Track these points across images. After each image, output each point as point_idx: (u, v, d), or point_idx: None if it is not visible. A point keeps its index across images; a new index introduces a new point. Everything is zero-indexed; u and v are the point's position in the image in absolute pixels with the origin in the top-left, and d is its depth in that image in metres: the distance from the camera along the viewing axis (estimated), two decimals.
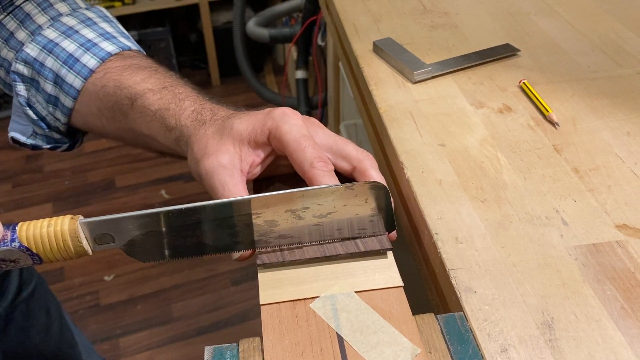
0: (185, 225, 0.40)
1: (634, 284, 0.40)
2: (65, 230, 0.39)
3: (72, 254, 0.40)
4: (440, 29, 0.72)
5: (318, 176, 0.42)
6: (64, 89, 0.55)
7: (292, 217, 0.41)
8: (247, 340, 0.36)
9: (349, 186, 0.40)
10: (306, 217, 0.41)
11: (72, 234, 0.39)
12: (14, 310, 0.79)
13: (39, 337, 0.83)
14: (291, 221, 0.41)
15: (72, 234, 0.39)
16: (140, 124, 0.51)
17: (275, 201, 0.40)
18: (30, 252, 0.39)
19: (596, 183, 0.48)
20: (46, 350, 0.85)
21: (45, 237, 0.39)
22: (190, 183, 2.12)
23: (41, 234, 0.39)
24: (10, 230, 0.39)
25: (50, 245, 0.39)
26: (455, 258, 0.42)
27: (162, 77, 0.53)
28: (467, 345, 0.36)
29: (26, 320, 0.81)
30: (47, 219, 0.40)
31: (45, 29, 0.56)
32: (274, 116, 0.44)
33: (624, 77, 0.62)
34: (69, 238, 0.39)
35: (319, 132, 0.45)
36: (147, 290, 1.73)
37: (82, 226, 0.40)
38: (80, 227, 0.39)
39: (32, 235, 0.39)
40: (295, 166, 0.43)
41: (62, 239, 0.39)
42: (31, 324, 0.82)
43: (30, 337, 0.82)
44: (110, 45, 0.56)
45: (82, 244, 0.39)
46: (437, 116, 0.57)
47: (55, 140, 0.61)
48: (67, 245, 0.39)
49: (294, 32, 1.76)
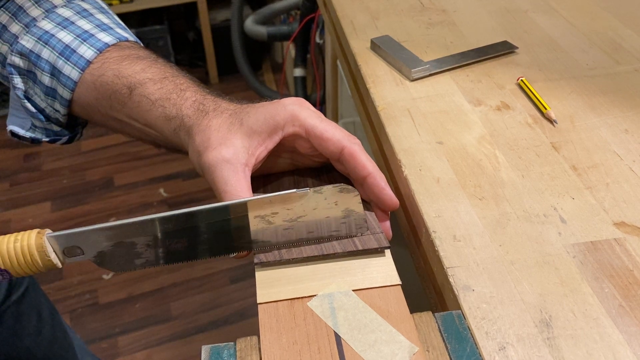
0: (154, 236, 0.40)
1: (632, 282, 0.39)
2: (32, 245, 0.39)
3: (40, 267, 0.40)
4: (438, 27, 0.72)
5: (358, 152, 0.43)
6: (61, 81, 0.54)
7: (262, 222, 0.41)
8: (244, 339, 0.36)
9: (317, 190, 0.41)
10: (276, 221, 0.41)
11: (39, 248, 0.39)
12: (4, 312, 0.79)
13: (29, 339, 0.83)
14: (261, 226, 0.41)
15: (39, 249, 0.39)
16: (138, 113, 0.51)
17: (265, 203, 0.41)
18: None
19: (594, 181, 0.48)
20: (37, 352, 0.85)
21: (12, 252, 0.39)
22: (189, 181, 2.12)
23: (8, 250, 0.39)
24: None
25: (18, 260, 0.39)
26: (453, 256, 0.42)
27: (162, 67, 0.52)
28: (465, 343, 0.36)
29: (17, 322, 0.81)
30: (15, 234, 0.40)
31: (40, 21, 0.56)
32: (287, 105, 0.44)
33: (622, 75, 0.62)
34: (36, 252, 0.39)
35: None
36: (145, 289, 1.73)
37: (49, 240, 0.40)
38: (48, 241, 0.39)
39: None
40: (329, 144, 0.44)
41: (30, 254, 0.39)
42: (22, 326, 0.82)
43: (21, 340, 0.82)
44: (107, 36, 0.55)
45: (50, 257, 0.40)
46: (435, 114, 0.57)
47: (54, 133, 0.61)
48: (34, 259, 0.39)
49: (292, 30, 1.76)
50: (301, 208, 0.41)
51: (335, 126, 0.44)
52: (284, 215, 0.41)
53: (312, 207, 0.41)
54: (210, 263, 1.79)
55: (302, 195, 0.41)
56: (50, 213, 2.00)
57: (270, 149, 0.45)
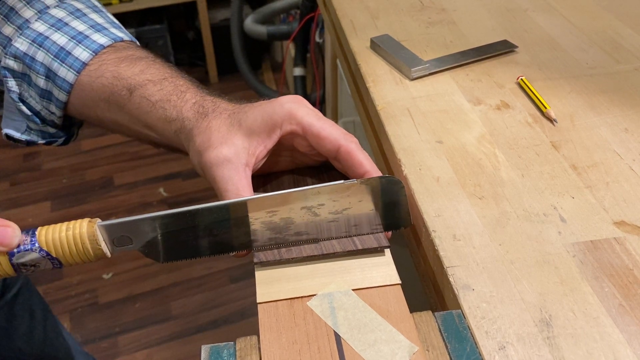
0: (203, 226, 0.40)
1: (632, 281, 0.39)
2: (84, 234, 0.39)
3: (91, 257, 0.40)
4: (437, 26, 0.72)
5: (355, 151, 0.43)
6: (56, 83, 0.54)
7: (308, 214, 0.41)
8: (244, 338, 0.36)
9: (364, 181, 0.40)
10: (322, 213, 0.41)
11: (91, 237, 0.39)
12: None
13: (21, 340, 0.83)
14: (307, 218, 0.41)
15: (91, 237, 0.39)
16: (138, 115, 0.51)
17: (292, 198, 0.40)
18: (50, 256, 0.39)
19: (594, 180, 0.48)
20: (29, 353, 0.85)
21: (65, 240, 0.39)
22: (189, 181, 2.12)
23: (60, 238, 0.39)
24: (30, 235, 0.39)
25: (70, 249, 0.39)
26: (452, 255, 0.42)
27: (161, 68, 0.52)
28: (465, 343, 0.36)
29: (9, 322, 0.81)
30: (66, 222, 0.40)
31: (34, 22, 0.55)
32: (284, 103, 0.44)
33: (622, 74, 0.62)
34: (88, 241, 0.39)
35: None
36: (145, 288, 1.73)
37: (100, 229, 0.40)
38: (99, 230, 0.40)
39: (52, 239, 0.39)
40: (325, 143, 0.44)
41: (82, 243, 0.39)
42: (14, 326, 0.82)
43: (13, 340, 0.82)
44: (102, 37, 0.55)
45: (100, 246, 0.40)
46: (434, 113, 0.57)
47: (50, 135, 0.61)
48: (86, 248, 0.39)
49: (292, 29, 1.76)
50: (347, 200, 0.41)
51: (332, 124, 0.44)
52: (330, 207, 0.41)
53: (358, 199, 0.41)
54: (210, 262, 1.79)
55: (350, 185, 0.40)
56: (50, 213, 2.00)
57: (270, 148, 0.45)
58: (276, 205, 0.40)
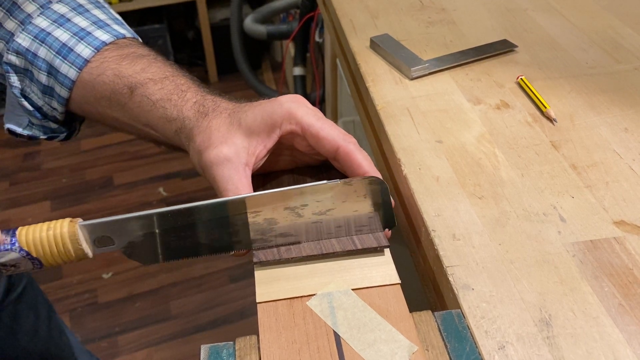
0: (185, 226, 0.40)
1: (632, 281, 0.39)
2: (64, 233, 0.39)
3: (72, 257, 0.39)
4: (437, 25, 0.72)
5: (353, 151, 0.43)
6: (58, 80, 0.54)
7: (291, 214, 0.40)
8: (243, 338, 0.36)
9: (347, 182, 0.40)
10: (305, 214, 0.41)
11: (72, 237, 0.39)
12: (2, 311, 0.78)
13: (26, 338, 0.83)
14: (290, 219, 0.41)
15: (72, 237, 0.39)
16: (138, 113, 0.51)
17: (274, 199, 0.40)
18: (30, 256, 0.39)
19: (594, 179, 0.48)
20: (33, 351, 0.85)
21: (45, 240, 0.39)
22: (189, 180, 2.12)
23: (41, 238, 0.39)
24: (10, 234, 0.39)
25: (50, 249, 0.39)
26: (452, 255, 0.42)
27: (162, 66, 0.52)
28: (465, 342, 0.36)
29: (14, 321, 0.80)
30: (47, 222, 0.39)
31: (36, 18, 0.55)
32: (283, 102, 0.44)
33: (622, 73, 0.62)
34: (69, 241, 0.39)
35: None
36: (145, 288, 1.73)
37: (81, 229, 0.39)
38: (80, 230, 0.39)
39: (32, 239, 0.39)
40: (324, 143, 0.43)
41: (62, 243, 0.39)
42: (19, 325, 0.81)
43: (18, 339, 0.81)
44: (105, 34, 0.55)
45: (82, 246, 0.39)
46: (434, 113, 0.57)
47: (51, 130, 0.61)
48: (67, 248, 0.39)
49: (292, 28, 1.76)
50: (330, 201, 0.41)
51: (331, 124, 0.44)
52: (313, 207, 0.41)
53: (342, 199, 0.41)
54: (209, 262, 1.79)
55: (333, 186, 0.40)
56: (49, 212, 2.00)
57: (270, 147, 0.45)
58: (260, 205, 0.40)
